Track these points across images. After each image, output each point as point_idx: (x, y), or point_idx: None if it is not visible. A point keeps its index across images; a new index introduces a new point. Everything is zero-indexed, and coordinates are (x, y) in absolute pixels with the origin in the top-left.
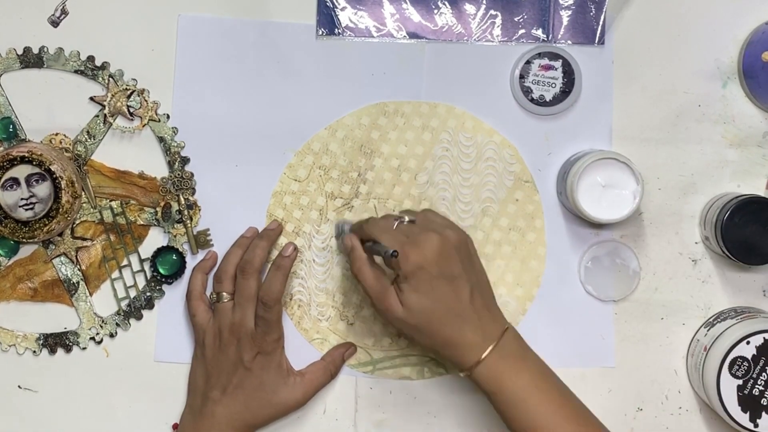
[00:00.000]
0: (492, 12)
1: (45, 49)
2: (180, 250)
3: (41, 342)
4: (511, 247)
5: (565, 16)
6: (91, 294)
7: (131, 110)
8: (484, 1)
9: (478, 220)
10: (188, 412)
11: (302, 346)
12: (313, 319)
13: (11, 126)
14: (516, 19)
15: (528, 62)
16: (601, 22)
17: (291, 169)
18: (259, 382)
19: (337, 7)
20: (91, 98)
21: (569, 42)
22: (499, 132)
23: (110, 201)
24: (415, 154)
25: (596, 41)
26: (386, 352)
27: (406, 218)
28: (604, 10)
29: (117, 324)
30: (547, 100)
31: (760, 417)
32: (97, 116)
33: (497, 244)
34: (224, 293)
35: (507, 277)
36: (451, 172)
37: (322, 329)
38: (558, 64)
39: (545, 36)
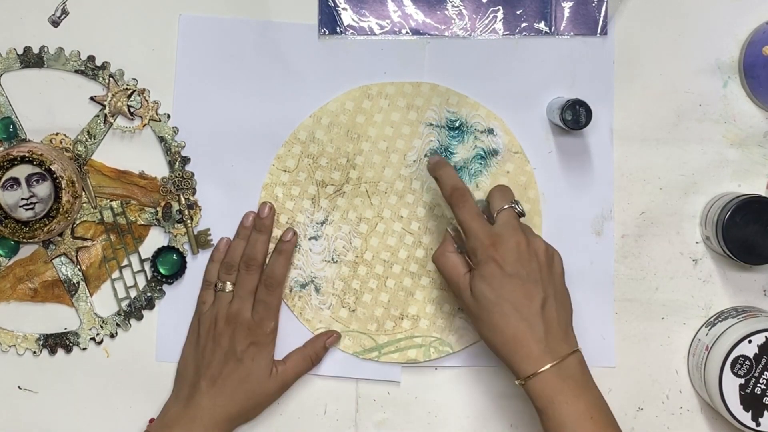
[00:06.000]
0: (493, 6)
1: (45, 49)
2: (180, 250)
3: (41, 342)
4: None
5: (567, 7)
6: (91, 294)
7: (131, 110)
8: None
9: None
10: (173, 401)
11: (306, 337)
12: (314, 309)
13: (11, 126)
14: (518, 12)
15: None
16: (603, 12)
17: (279, 160)
18: (247, 373)
19: (338, 7)
20: (92, 98)
21: (572, 34)
22: (484, 105)
23: (110, 201)
24: (402, 135)
25: (598, 32)
26: (390, 336)
27: (519, 207)
28: (606, 0)
29: (117, 324)
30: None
31: (762, 416)
32: (98, 116)
33: None
34: (228, 283)
35: None
36: (439, 149)
37: (325, 318)
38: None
39: (548, 29)
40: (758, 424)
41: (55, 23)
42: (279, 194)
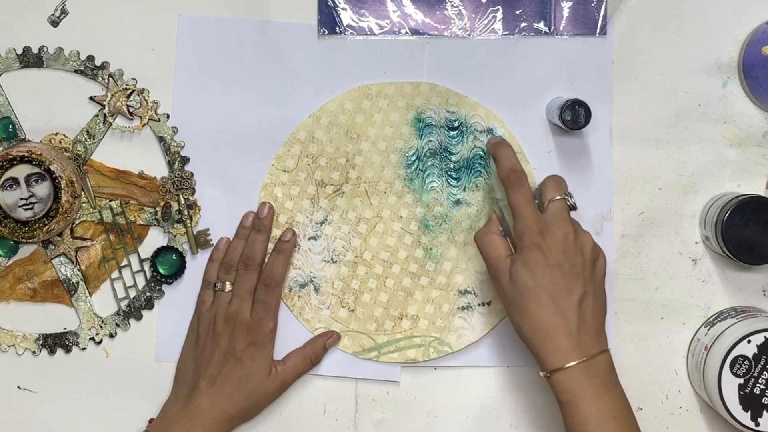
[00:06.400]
0: (493, 6)
1: (45, 49)
2: (180, 250)
3: (41, 342)
4: None
5: (566, 7)
6: (90, 294)
7: (131, 110)
8: None
9: (470, 194)
10: (173, 401)
11: (306, 337)
12: (314, 309)
13: (11, 126)
14: (517, 12)
15: None
16: (602, 12)
17: (279, 160)
18: (246, 373)
19: (338, 6)
20: (91, 98)
21: (571, 34)
22: (483, 105)
23: (110, 201)
24: (401, 134)
25: (598, 31)
26: (390, 336)
27: (571, 200)
28: (605, 0)
29: (117, 324)
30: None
31: (761, 416)
32: (97, 116)
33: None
34: (227, 283)
35: None
36: (438, 148)
37: (324, 318)
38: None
39: (547, 29)
40: (757, 424)
41: (55, 23)
42: (278, 194)
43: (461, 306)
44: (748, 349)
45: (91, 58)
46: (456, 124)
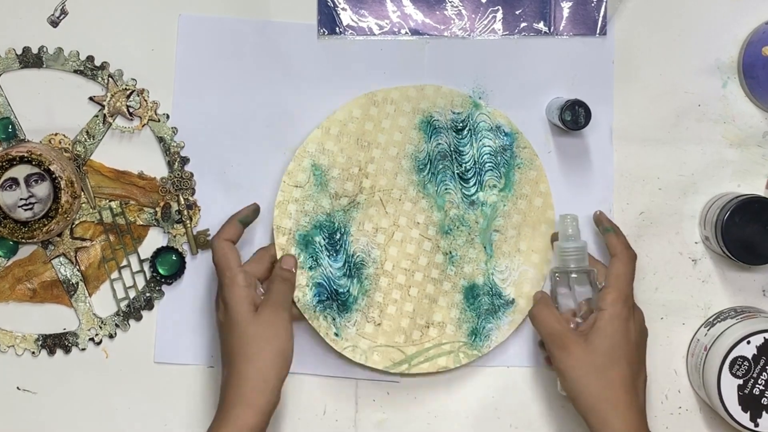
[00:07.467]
0: (493, 6)
1: (44, 49)
2: (180, 250)
3: (40, 343)
4: (521, 215)
5: (566, 7)
6: (90, 295)
7: (131, 110)
8: None
9: (483, 193)
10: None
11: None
12: (340, 327)
13: (10, 126)
14: (517, 12)
15: None
16: (602, 13)
17: (290, 176)
18: (229, 321)
19: (338, 7)
20: (91, 98)
21: (571, 34)
22: (487, 104)
23: (110, 201)
24: (411, 139)
25: (597, 32)
26: (419, 347)
27: None
28: (605, 0)
29: (116, 325)
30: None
31: (760, 416)
32: (97, 116)
33: (506, 215)
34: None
35: (521, 246)
36: (448, 150)
37: (351, 336)
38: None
39: (547, 29)
40: (756, 425)
41: (54, 23)
42: (292, 211)
43: (485, 307)
44: (748, 350)
45: (90, 58)
46: (462, 125)
